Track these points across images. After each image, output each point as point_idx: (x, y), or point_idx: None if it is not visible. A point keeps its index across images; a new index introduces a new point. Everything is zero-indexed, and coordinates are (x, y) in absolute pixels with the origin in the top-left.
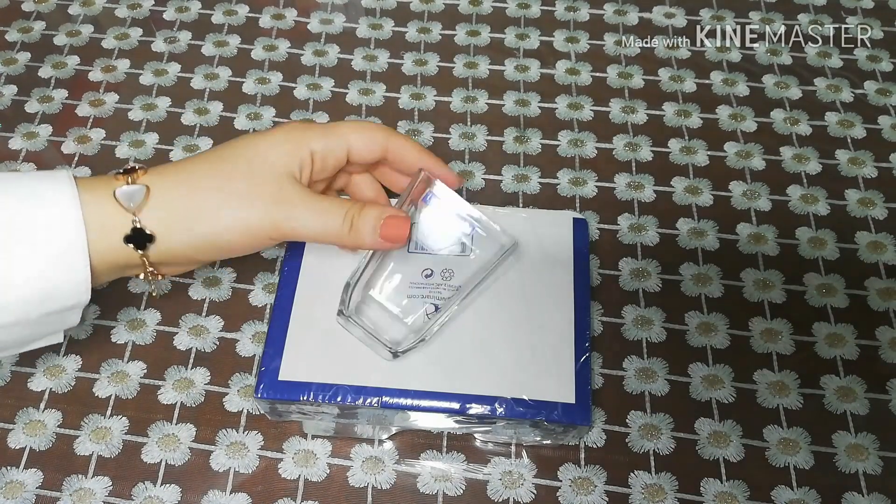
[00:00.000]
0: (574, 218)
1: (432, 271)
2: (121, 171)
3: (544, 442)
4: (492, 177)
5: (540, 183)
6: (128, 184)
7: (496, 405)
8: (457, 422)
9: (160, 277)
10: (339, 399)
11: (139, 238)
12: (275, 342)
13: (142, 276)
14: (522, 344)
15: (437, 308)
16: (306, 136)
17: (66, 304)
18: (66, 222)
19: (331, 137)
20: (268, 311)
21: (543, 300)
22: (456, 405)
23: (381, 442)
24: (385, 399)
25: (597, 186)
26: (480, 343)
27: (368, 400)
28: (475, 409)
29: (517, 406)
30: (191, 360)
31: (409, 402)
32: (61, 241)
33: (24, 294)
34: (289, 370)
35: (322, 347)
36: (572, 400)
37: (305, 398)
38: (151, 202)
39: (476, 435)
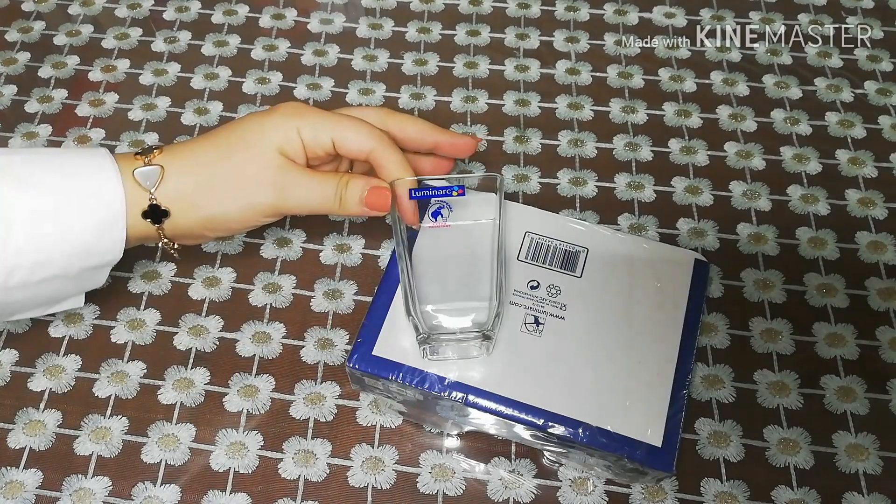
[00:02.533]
0: (696, 259)
1: (538, 283)
2: (139, 150)
3: (616, 479)
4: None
5: (540, 183)
6: (144, 164)
7: (580, 430)
8: (532, 436)
9: (174, 247)
10: (426, 386)
11: (155, 214)
12: (376, 316)
13: (159, 244)
14: (619, 375)
15: (536, 320)
16: (298, 121)
17: (103, 260)
18: (110, 194)
19: (319, 129)
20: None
21: (649, 335)
22: (539, 421)
23: (448, 436)
24: (470, 398)
25: (597, 186)
26: (576, 364)
27: (455, 394)
28: (557, 429)
29: (600, 436)
30: (190, 360)
31: (493, 405)
32: (106, 209)
33: (71, 248)
34: (384, 346)
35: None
36: (658, 443)
37: (395, 378)
38: (166, 183)
39: (545, 452)
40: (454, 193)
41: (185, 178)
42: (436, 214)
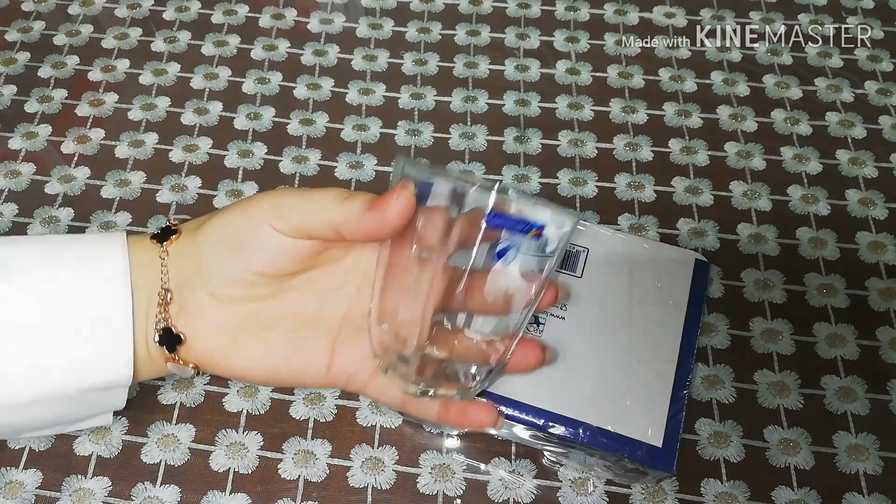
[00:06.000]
0: (696, 259)
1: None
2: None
3: (617, 479)
4: (492, 177)
5: (540, 183)
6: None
7: (580, 430)
8: (532, 436)
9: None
10: None
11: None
12: None
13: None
14: (619, 375)
15: (536, 320)
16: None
17: (105, 379)
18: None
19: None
20: None
21: (649, 335)
22: (539, 421)
23: (448, 436)
24: None
25: (597, 186)
26: (576, 364)
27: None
28: (557, 429)
29: (601, 436)
30: None
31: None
32: (105, 332)
33: (59, 366)
34: None
35: None
36: (659, 443)
37: None
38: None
39: (545, 452)
40: (531, 233)
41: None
42: (502, 254)
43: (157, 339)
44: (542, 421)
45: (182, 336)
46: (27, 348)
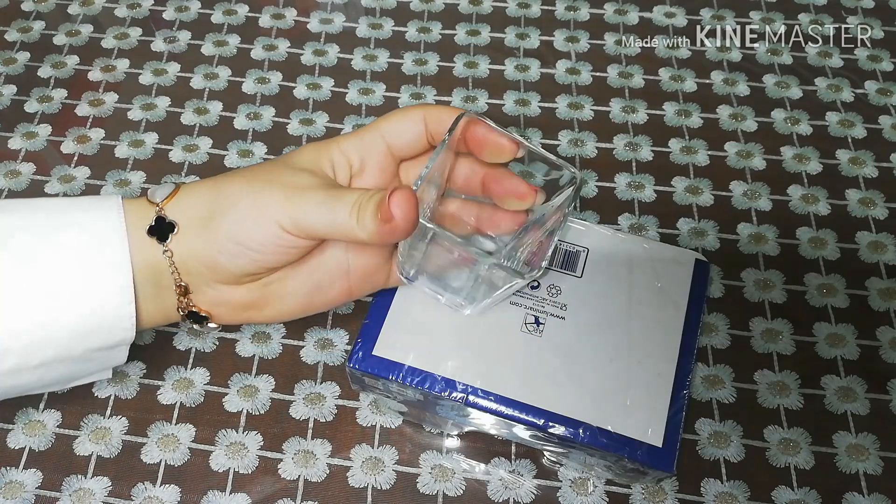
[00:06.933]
0: (696, 259)
1: (538, 283)
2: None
3: (617, 479)
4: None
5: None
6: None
7: (580, 430)
8: (532, 436)
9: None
10: (426, 386)
11: (161, 228)
12: (376, 316)
13: (186, 324)
14: (619, 375)
15: (536, 320)
16: (336, 139)
17: (110, 340)
18: (116, 265)
19: (363, 135)
20: None
21: (649, 335)
22: (539, 421)
23: (448, 436)
24: (470, 398)
25: (597, 186)
26: (576, 364)
27: (454, 394)
28: (557, 429)
29: (601, 436)
30: (190, 361)
31: (493, 405)
32: (109, 283)
33: (67, 329)
34: (385, 346)
35: (421, 332)
36: (659, 443)
37: (395, 378)
38: (176, 200)
39: (545, 452)
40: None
41: (198, 193)
42: None
43: (182, 319)
44: (542, 421)
45: (207, 314)
46: (35, 315)
